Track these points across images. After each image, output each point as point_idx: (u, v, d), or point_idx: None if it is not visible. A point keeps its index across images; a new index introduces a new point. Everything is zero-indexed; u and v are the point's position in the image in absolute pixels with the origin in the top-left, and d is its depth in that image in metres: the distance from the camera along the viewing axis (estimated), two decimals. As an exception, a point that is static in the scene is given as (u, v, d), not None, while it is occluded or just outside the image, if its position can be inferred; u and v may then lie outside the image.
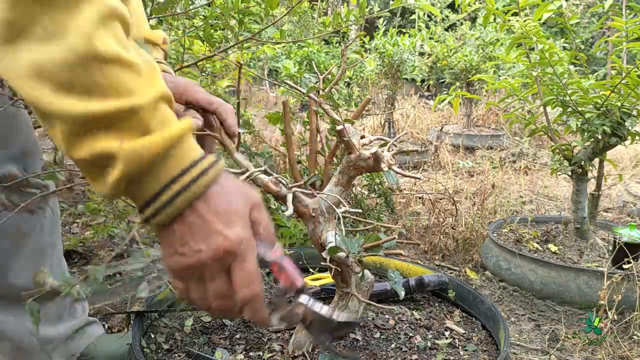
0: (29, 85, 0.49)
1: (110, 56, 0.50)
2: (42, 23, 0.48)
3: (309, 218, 0.83)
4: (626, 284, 1.58)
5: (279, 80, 3.07)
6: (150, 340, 0.92)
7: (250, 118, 2.21)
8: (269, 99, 7.38)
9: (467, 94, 2.32)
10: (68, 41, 0.49)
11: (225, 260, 0.56)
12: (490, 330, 1.02)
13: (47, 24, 0.48)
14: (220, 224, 0.56)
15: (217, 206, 0.56)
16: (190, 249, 0.55)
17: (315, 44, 5.51)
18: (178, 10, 1.57)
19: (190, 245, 0.55)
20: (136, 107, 0.51)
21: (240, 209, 0.58)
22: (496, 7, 1.83)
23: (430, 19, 6.97)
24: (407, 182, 3.20)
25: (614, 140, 1.78)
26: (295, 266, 0.62)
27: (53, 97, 0.49)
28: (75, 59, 0.49)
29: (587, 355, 1.46)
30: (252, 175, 0.80)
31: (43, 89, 0.49)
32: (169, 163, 0.53)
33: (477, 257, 2.10)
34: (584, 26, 8.37)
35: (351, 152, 0.83)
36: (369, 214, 2.08)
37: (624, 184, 3.30)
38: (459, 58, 4.54)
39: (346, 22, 1.63)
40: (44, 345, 1.12)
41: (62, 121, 0.50)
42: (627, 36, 1.74)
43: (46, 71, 0.49)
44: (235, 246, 0.56)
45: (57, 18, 0.49)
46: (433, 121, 5.55)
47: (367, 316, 1.05)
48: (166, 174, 0.53)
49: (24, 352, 1.11)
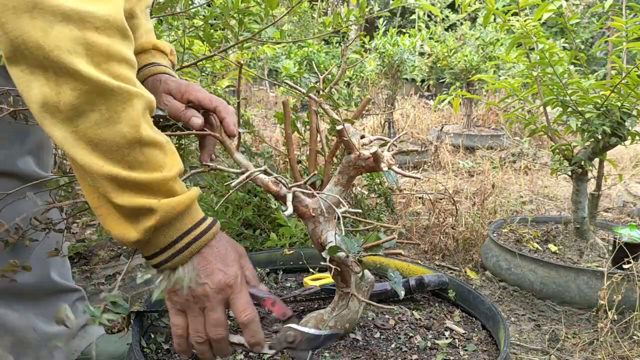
0: (82, 154, 0.62)
1: (148, 140, 0.65)
2: (100, 111, 0.61)
3: (309, 218, 0.83)
4: (626, 284, 1.58)
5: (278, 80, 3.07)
6: (150, 340, 0.92)
7: (250, 118, 2.21)
8: (269, 99, 7.38)
9: (467, 94, 2.32)
10: (120, 127, 0.63)
11: (225, 292, 0.72)
12: (490, 330, 1.02)
13: (104, 112, 0.62)
14: (221, 264, 0.72)
15: (218, 252, 0.73)
16: (195, 283, 0.71)
17: (315, 44, 5.51)
18: (178, 10, 1.57)
19: (195, 280, 0.71)
20: (167, 177, 0.67)
21: (233, 255, 0.74)
22: (496, 7, 1.83)
23: (430, 19, 6.97)
24: (407, 182, 3.20)
25: (614, 140, 1.78)
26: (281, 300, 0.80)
27: (103, 163, 0.63)
28: (124, 142, 0.63)
29: (587, 355, 1.46)
30: (252, 175, 0.80)
31: (94, 158, 0.63)
32: (186, 218, 0.70)
33: (477, 257, 2.10)
34: (584, 26, 8.37)
35: (351, 152, 0.83)
36: (369, 214, 2.08)
37: (624, 184, 3.30)
38: (459, 58, 4.54)
39: (346, 22, 1.63)
40: (45, 341, 1.13)
41: (108, 180, 0.64)
42: (627, 36, 1.74)
43: (98, 146, 0.62)
44: (233, 280, 0.72)
45: (113, 108, 0.62)
46: (433, 121, 5.55)
47: (367, 316, 1.05)
48: (184, 225, 0.70)
49: (25, 347, 1.11)
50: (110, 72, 0.62)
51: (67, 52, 0.59)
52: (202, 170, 0.85)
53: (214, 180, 1.91)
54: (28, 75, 0.60)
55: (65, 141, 0.62)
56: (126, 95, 0.63)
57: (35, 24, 0.58)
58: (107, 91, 0.61)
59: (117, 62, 0.63)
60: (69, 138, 0.62)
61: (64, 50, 0.59)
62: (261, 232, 1.79)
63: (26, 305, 1.12)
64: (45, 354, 1.13)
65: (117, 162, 0.63)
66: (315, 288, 1.11)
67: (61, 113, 0.61)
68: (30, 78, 0.60)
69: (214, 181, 1.91)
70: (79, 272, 1.65)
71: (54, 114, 0.61)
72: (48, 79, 0.60)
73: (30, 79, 0.60)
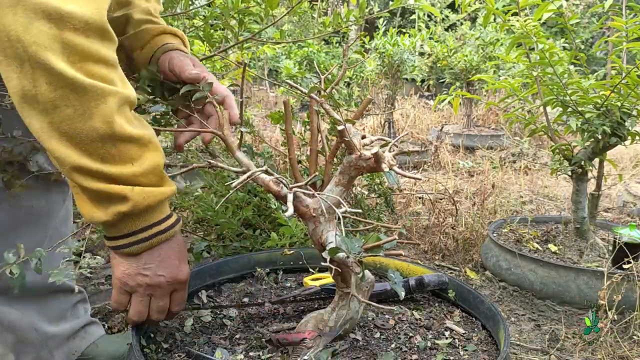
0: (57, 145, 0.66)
1: (122, 135, 0.69)
2: (74, 106, 0.65)
3: (310, 218, 0.83)
4: (626, 284, 1.58)
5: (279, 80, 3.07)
6: (150, 340, 0.92)
7: (250, 118, 2.21)
8: (269, 99, 7.38)
9: (467, 94, 2.32)
10: (93, 123, 0.67)
11: (175, 286, 0.81)
12: (490, 330, 1.02)
13: (78, 107, 0.66)
14: (177, 261, 0.80)
15: (177, 248, 0.80)
16: (153, 272, 0.77)
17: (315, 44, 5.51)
18: (178, 10, 1.57)
19: (153, 270, 0.77)
20: (137, 172, 0.71)
21: (186, 255, 0.83)
22: (496, 7, 1.83)
23: (430, 19, 6.97)
24: (407, 182, 3.20)
25: (614, 140, 1.78)
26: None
27: (77, 156, 0.67)
28: (97, 136, 0.67)
29: (587, 355, 1.46)
30: (253, 175, 0.80)
31: (67, 150, 0.67)
32: (156, 211, 0.75)
33: (477, 257, 2.10)
34: (584, 26, 8.37)
35: (352, 152, 0.83)
36: (369, 214, 2.08)
37: (624, 184, 3.30)
38: (459, 58, 4.54)
39: (346, 22, 1.63)
40: (46, 341, 1.13)
41: (80, 172, 0.68)
42: (627, 36, 1.74)
43: (73, 139, 0.66)
44: (184, 277, 0.82)
45: (86, 104, 0.66)
46: (433, 121, 5.55)
47: (367, 316, 1.05)
48: (152, 217, 0.75)
49: (26, 346, 1.12)
50: (85, 70, 0.65)
51: (45, 49, 0.62)
52: (203, 166, 0.85)
53: (214, 180, 1.91)
54: (6, 66, 0.64)
55: (42, 132, 0.66)
56: (100, 93, 0.66)
57: (17, 19, 0.62)
58: (80, 88, 0.65)
59: (94, 61, 0.66)
60: (46, 129, 0.66)
61: (42, 46, 0.62)
62: (261, 232, 1.79)
63: (28, 305, 1.12)
64: (45, 353, 1.14)
65: (90, 154, 0.68)
66: (315, 288, 1.11)
67: (39, 104, 0.64)
68: (9, 69, 0.64)
69: (214, 181, 1.91)
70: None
71: (32, 105, 0.65)
72: (25, 72, 0.63)
73: (9, 70, 0.64)
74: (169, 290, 0.80)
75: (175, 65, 0.92)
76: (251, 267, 1.25)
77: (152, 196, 0.73)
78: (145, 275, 0.77)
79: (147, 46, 0.96)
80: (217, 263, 1.22)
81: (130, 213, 0.72)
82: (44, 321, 1.14)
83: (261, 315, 1.04)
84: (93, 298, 1.50)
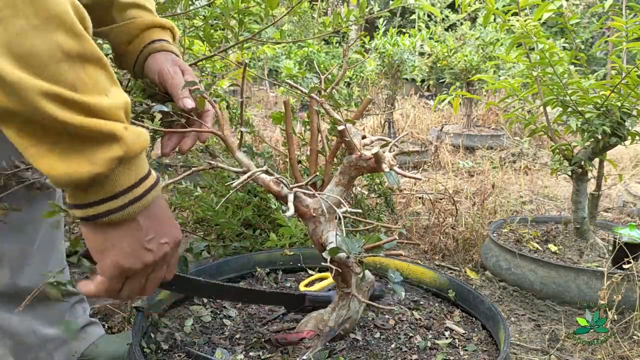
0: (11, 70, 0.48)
1: (92, 55, 0.53)
2: (27, 16, 0.49)
3: (310, 218, 0.83)
4: (626, 284, 1.58)
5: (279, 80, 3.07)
6: (150, 340, 0.92)
7: (250, 118, 2.21)
8: (269, 99, 7.38)
9: (467, 94, 2.32)
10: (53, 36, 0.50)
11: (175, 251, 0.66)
12: (490, 330, 1.02)
13: (32, 18, 0.49)
14: (170, 219, 0.64)
15: (164, 204, 0.64)
16: (157, 243, 0.61)
17: (315, 44, 5.51)
18: (178, 11, 1.57)
19: (156, 240, 0.61)
20: (114, 106, 0.55)
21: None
22: (496, 7, 1.83)
23: (430, 19, 6.97)
24: (407, 182, 3.20)
25: (614, 140, 1.78)
26: None
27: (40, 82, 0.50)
28: (62, 56, 0.51)
29: (587, 355, 1.46)
30: (253, 175, 0.80)
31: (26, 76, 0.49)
32: (144, 159, 0.59)
33: (477, 257, 2.10)
34: (584, 26, 8.37)
35: (352, 152, 0.83)
36: (369, 214, 2.08)
37: (624, 184, 3.30)
38: (459, 58, 4.54)
39: (346, 22, 1.63)
40: (45, 344, 1.13)
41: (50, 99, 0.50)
42: (627, 36, 1.74)
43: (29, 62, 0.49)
44: (181, 237, 0.66)
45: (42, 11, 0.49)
46: (433, 121, 5.55)
47: (367, 316, 1.05)
48: (143, 168, 0.59)
49: (25, 350, 1.11)
50: None
51: None
52: (204, 168, 0.85)
53: (214, 180, 1.91)
54: None
55: None
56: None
57: None
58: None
59: None
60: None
61: None
62: (261, 232, 1.79)
63: (25, 309, 1.12)
64: (44, 355, 1.13)
65: (57, 81, 0.51)
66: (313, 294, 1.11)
67: None
68: None
69: (214, 181, 1.91)
70: (79, 272, 1.65)
71: None
72: None
73: None
74: (172, 256, 0.66)
75: (166, 82, 0.84)
76: (251, 267, 1.25)
77: (143, 138, 0.57)
78: (149, 251, 0.61)
79: (135, 41, 0.89)
80: (217, 263, 1.22)
81: (124, 159, 0.55)
82: (42, 324, 1.13)
83: (261, 315, 1.04)
84: (93, 298, 1.50)
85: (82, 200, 0.56)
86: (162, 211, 0.63)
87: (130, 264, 0.60)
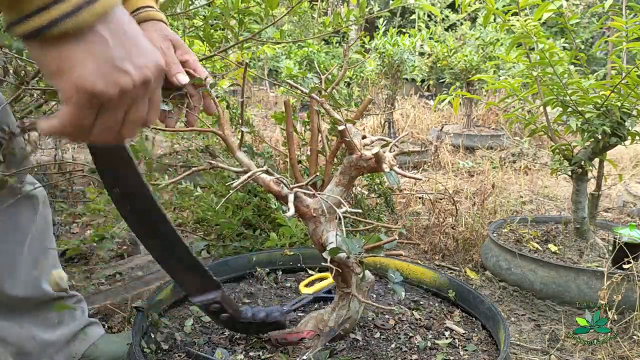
0: None
1: None
2: None
3: (310, 218, 0.84)
4: (626, 284, 1.58)
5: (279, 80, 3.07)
6: (150, 340, 0.92)
7: (250, 118, 2.21)
8: (269, 99, 7.38)
9: (467, 94, 2.32)
10: None
11: (159, 81, 0.53)
12: (490, 330, 1.02)
13: None
14: (147, 40, 0.51)
15: (133, 21, 0.51)
16: (134, 64, 0.49)
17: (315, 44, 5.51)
18: (178, 10, 1.57)
19: (130, 60, 0.49)
20: None
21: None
22: (496, 7, 1.83)
23: (430, 19, 6.97)
24: (407, 182, 3.20)
25: (614, 140, 1.78)
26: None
27: None
28: None
29: (587, 355, 1.46)
30: (254, 175, 0.80)
31: None
32: None
33: (477, 257, 2.10)
34: (584, 26, 8.37)
35: (353, 152, 0.83)
36: (369, 214, 2.08)
37: (624, 184, 3.30)
38: (459, 58, 4.54)
39: (346, 22, 1.63)
40: (45, 348, 1.13)
41: None
42: (627, 36, 1.74)
43: None
44: (163, 63, 0.53)
45: None
46: (433, 121, 5.55)
47: (367, 316, 1.05)
48: None
49: (26, 356, 1.11)
50: None
51: None
52: (204, 168, 0.85)
53: (214, 180, 1.91)
54: None
55: None
56: None
57: None
58: None
59: None
60: None
61: None
62: (261, 232, 1.79)
63: (23, 316, 1.12)
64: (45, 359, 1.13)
65: None
66: (309, 297, 1.12)
67: None
68: None
69: (214, 181, 1.91)
70: (79, 272, 1.65)
71: None
72: None
73: None
74: (156, 88, 0.53)
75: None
76: (251, 267, 1.25)
77: None
78: (125, 73, 0.48)
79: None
80: (217, 263, 1.22)
81: None
82: (41, 330, 1.13)
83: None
84: (93, 298, 1.50)
85: (19, 13, 0.45)
86: (131, 26, 0.50)
87: (101, 88, 0.47)
